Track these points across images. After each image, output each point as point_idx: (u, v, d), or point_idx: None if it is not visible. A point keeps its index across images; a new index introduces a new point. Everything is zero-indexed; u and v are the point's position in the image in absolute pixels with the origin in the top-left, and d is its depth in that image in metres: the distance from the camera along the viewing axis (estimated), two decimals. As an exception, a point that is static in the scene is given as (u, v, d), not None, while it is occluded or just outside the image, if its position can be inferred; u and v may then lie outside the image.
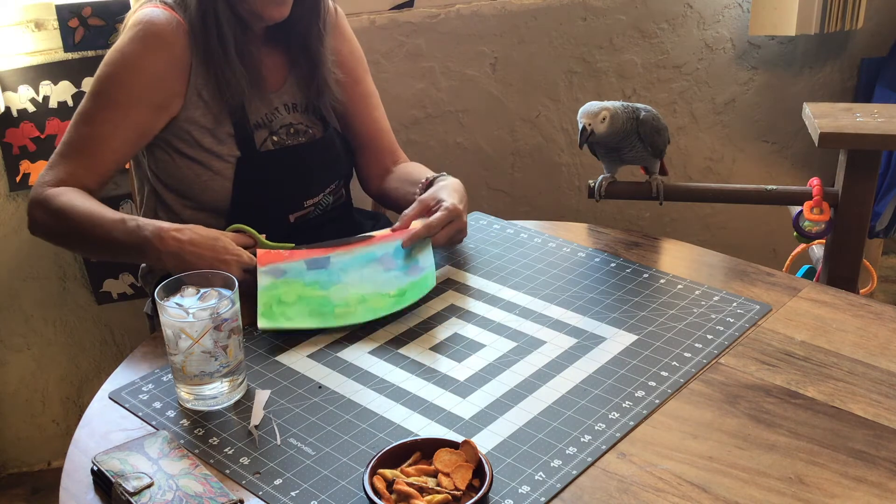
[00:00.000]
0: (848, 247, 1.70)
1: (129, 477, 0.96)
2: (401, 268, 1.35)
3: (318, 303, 1.29)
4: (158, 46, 1.42)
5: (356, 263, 1.37)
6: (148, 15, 1.43)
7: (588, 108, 1.49)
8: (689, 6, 2.32)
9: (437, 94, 2.25)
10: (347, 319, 1.26)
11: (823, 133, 1.64)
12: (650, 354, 1.18)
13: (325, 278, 1.34)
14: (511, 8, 2.22)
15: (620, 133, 1.50)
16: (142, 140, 1.46)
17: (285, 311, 1.27)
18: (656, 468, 0.99)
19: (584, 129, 1.48)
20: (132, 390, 1.15)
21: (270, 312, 1.26)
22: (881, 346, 1.19)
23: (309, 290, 1.31)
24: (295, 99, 1.56)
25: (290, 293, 1.30)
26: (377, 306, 1.28)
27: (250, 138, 1.49)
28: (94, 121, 1.42)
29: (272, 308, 1.27)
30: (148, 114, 1.44)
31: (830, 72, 2.47)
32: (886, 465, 0.98)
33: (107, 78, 1.43)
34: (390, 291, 1.31)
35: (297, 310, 1.27)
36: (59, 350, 2.17)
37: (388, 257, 1.38)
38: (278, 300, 1.28)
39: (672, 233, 2.54)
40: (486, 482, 0.93)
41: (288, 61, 1.56)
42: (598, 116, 1.47)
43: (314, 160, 1.56)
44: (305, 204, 1.56)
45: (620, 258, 1.43)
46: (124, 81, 1.42)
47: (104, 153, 1.43)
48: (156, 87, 1.43)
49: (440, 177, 1.52)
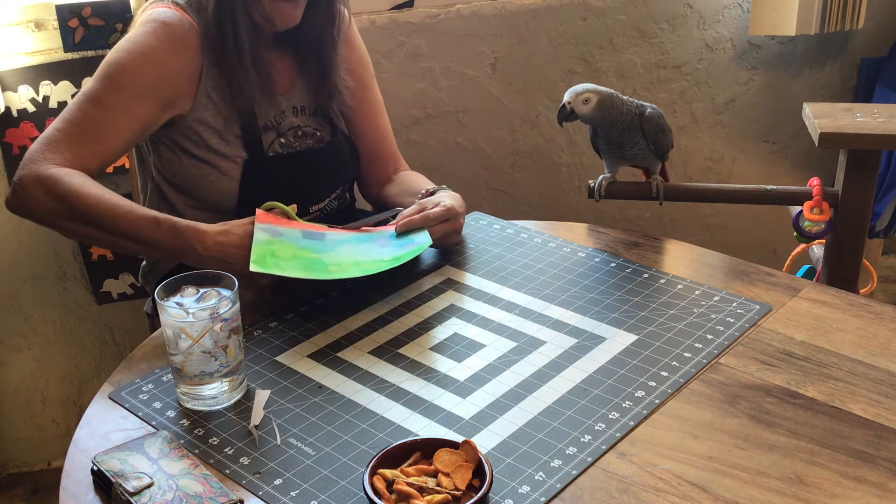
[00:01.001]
0: (848, 247, 1.70)
1: (129, 477, 0.96)
2: (396, 245, 1.37)
3: (311, 261, 1.30)
4: (174, 44, 1.41)
5: (351, 241, 1.38)
6: (162, 14, 1.42)
7: (574, 87, 1.48)
8: (689, 6, 2.32)
9: (437, 94, 2.25)
10: (339, 275, 1.28)
11: (823, 133, 1.64)
12: (650, 354, 1.18)
13: (320, 246, 1.35)
14: (511, 8, 2.22)
15: (617, 124, 1.49)
16: (143, 133, 1.44)
17: (279, 262, 1.27)
18: (656, 468, 0.99)
19: (564, 107, 1.48)
20: (132, 390, 1.15)
21: (263, 262, 1.26)
22: (881, 346, 1.19)
23: (303, 252, 1.32)
24: (303, 102, 1.56)
25: (284, 250, 1.30)
26: (370, 268, 1.31)
27: (258, 140, 1.49)
28: (103, 104, 1.38)
29: (265, 259, 1.27)
30: (155, 108, 1.42)
31: (830, 72, 2.47)
32: (886, 465, 0.98)
33: (120, 64, 1.39)
34: (385, 258, 1.33)
35: (290, 263, 1.28)
36: (59, 350, 2.17)
37: (384, 238, 1.39)
38: (272, 253, 1.28)
39: (672, 233, 2.54)
40: (486, 482, 0.93)
41: (297, 64, 1.56)
42: (580, 97, 1.47)
43: (322, 166, 1.56)
44: (311, 210, 1.56)
45: (620, 258, 1.43)
46: (138, 71, 1.40)
47: (111, 139, 1.39)
48: (168, 83, 1.42)
49: (440, 189, 1.51)
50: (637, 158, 1.57)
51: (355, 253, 1.34)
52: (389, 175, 1.68)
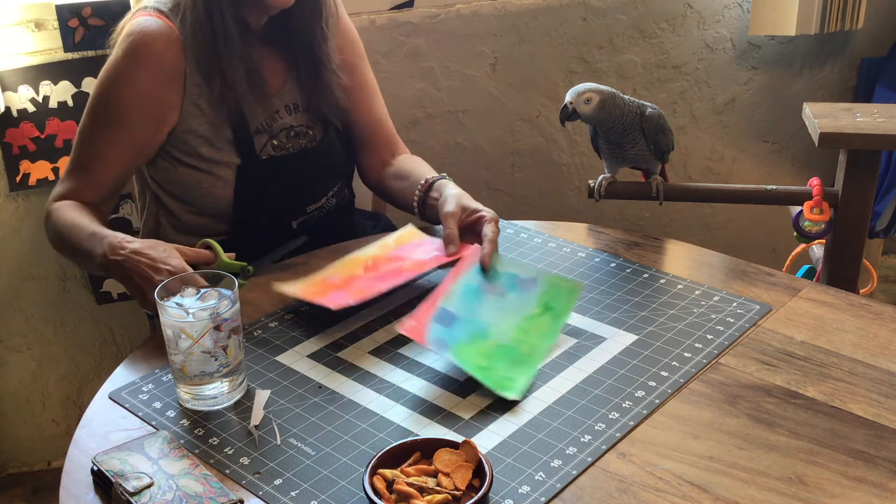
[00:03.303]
0: (848, 247, 1.70)
1: (129, 477, 0.96)
2: (508, 287, 1.28)
3: (503, 352, 1.17)
4: (148, 59, 1.41)
5: (470, 302, 1.23)
6: (139, 25, 1.41)
7: (576, 87, 1.48)
8: (689, 6, 2.32)
9: (437, 94, 2.25)
10: (539, 356, 1.17)
11: (823, 133, 1.64)
12: (650, 354, 1.18)
13: (475, 329, 1.20)
14: (511, 8, 2.22)
15: (618, 124, 1.48)
16: (142, 155, 1.47)
17: (494, 369, 1.14)
18: (656, 468, 0.99)
19: (566, 107, 1.48)
20: (132, 390, 1.15)
21: (505, 384, 1.11)
22: (881, 346, 1.19)
23: (484, 346, 1.18)
24: (296, 99, 1.55)
25: (478, 355, 1.16)
26: (542, 329, 1.21)
27: (250, 144, 1.48)
28: (92, 139, 1.44)
29: (499, 380, 1.12)
30: (145, 129, 1.44)
31: (830, 72, 2.47)
32: (886, 465, 0.98)
33: (101, 97, 1.43)
34: (532, 311, 1.23)
35: (500, 366, 1.14)
36: (59, 350, 2.17)
37: (486, 284, 1.28)
38: (483, 366, 1.14)
39: (672, 233, 2.53)
40: (486, 482, 0.93)
41: (288, 62, 1.54)
42: (581, 96, 1.47)
43: (316, 166, 1.55)
44: (308, 209, 1.56)
45: (620, 258, 1.43)
46: (118, 99, 1.42)
47: (103, 171, 1.45)
48: (150, 102, 1.43)
49: (441, 178, 1.51)
50: (637, 159, 1.57)
51: (500, 315, 1.22)
52: (387, 160, 1.65)
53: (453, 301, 1.21)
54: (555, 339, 1.20)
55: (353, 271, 1.35)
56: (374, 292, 1.28)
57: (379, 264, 1.36)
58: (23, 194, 2.01)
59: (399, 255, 1.38)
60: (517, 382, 1.11)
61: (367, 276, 1.33)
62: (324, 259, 1.43)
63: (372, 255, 1.38)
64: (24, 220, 2.04)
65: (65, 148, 1.99)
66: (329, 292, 1.28)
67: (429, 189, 1.50)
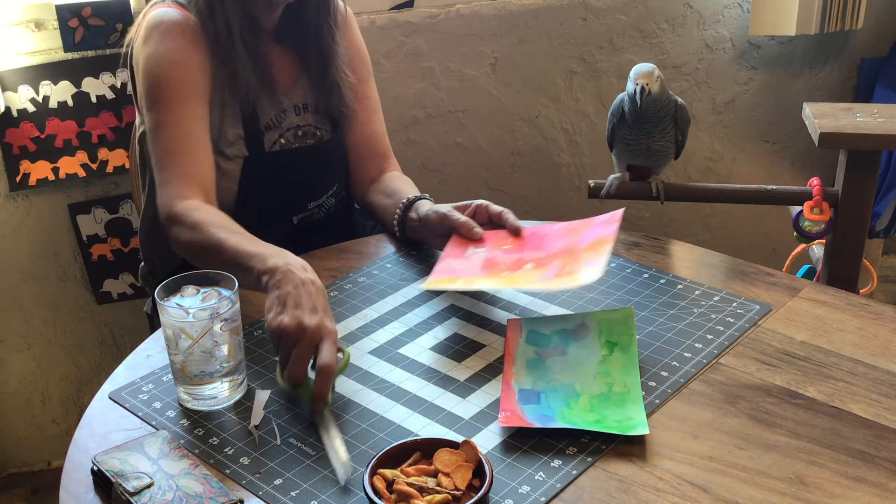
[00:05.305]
0: (848, 247, 1.70)
1: (129, 477, 0.96)
2: (563, 344, 1.21)
3: (603, 401, 1.10)
4: (184, 38, 1.41)
5: (540, 374, 1.16)
6: (161, 15, 1.42)
7: (640, 68, 1.43)
8: (689, 6, 2.32)
9: (437, 94, 2.26)
10: (636, 388, 1.11)
11: (823, 133, 1.65)
12: (650, 354, 1.18)
13: (564, 394, 1.12)
14: (511, 8, 2.22)
15: (662, 110, 1.46)
16: (211, 133, 1.43)
17: (608, 418, 1.07)
18: (656, 468, 0.99)
19: (643, 88, 1.42)
20: (132, 390, 1.15)
21: (628, 426, 1.05)
22: (881, 346, 1.19)
23: (582, 404, 1.10)
24: (305, 100, 1.55)
25: (583, 412, 1.09)
26: (621, 364, 1.15)
27: (260, 140, 1.49)
28: (171, 122, 1.38)
29: (619, 425, 1.05)
30: (206, 105, 1.42)
31: (830, 72, 2.47)
32: (886, 465, 0.98)
33: (155, 84, 1.40)
34: (601, 355, 1.17)
35: (610, 413, 1.08)
36: (59, 350, 2.17)
37: (541, 351, 1.20)
38: (597, 420, 1.07)
39: (672, 233, 2.54)
40: (486, 482, 0.93)
41: (299, 62, 1.55)
42: (652, 75, 1.41)
43: (319, 163, 1.56)
44: (309, 206, 1.56)
45: (620, 258, 1.43)
46: (173, 78, 1.39)
47: (198, 147, 1.39)
48: (201, 78, 1.42)
49: (422, 197, 1.48)
50: (659, 153, 1.54)
51: (577, 368, 1.16)
52: (374, 176, 1.62)
53: (523, 380, 1.15)
54: (636, 367, 1.14)
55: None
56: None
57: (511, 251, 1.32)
58: (23, 194, 2.01)
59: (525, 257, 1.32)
60: (636, 419, 1.06)
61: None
62: (323, 259, 1.43)
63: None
64: (24, 220, 2.04)
65: (65, 148, 1.99)
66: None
67: (408, 209, 1.47)
